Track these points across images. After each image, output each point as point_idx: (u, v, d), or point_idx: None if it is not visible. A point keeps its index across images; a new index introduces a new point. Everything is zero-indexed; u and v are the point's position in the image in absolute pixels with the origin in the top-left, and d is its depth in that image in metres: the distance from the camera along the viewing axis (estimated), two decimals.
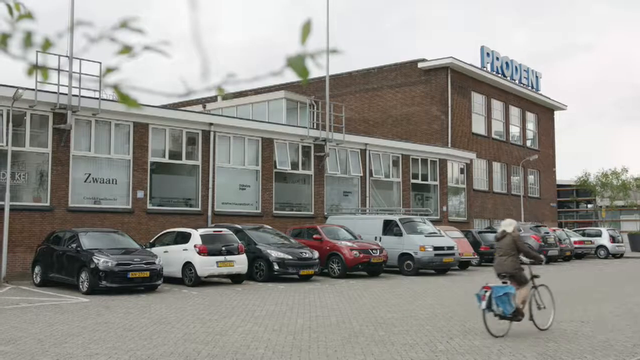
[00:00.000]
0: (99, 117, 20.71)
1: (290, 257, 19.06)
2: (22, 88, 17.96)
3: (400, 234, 22.65)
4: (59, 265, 16.58)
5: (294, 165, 26.64)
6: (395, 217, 23.68)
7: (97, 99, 20.41)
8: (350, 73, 39.87)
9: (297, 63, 1.82)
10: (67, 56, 19.75)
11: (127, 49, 1.93)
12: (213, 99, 39.02)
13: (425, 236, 22.76)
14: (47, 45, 1.92)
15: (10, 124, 18.29)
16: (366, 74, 39.40)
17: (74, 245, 16.35)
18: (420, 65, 37.02)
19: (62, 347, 8.66)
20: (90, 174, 20.76)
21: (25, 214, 18.98)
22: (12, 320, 11.09)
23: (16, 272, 18.33)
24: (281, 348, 8.62)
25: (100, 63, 20.71)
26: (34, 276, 17.45)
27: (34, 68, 1.94)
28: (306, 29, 1.83)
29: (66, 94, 19.63)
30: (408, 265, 22.20)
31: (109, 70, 1.92)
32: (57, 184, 19.79)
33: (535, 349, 8.68)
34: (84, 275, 15.53)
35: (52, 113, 19.77)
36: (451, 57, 36.17)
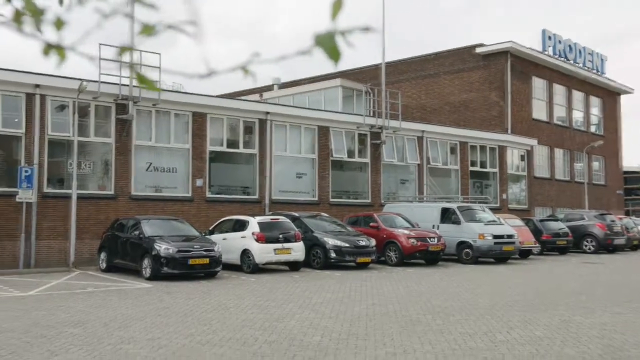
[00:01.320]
0: (159, 107, 21.18)
1: (347, 245, 19.08)
2: (86, 80, 18.54)
3: (459, 222, 22.32)
4: (123, 251, 17.12)
5: (350, 153, 26.59)
6: (453, 205, 23.35)
7: (157, 89, 20.83)
8: (406, 59, 39.38)
9: (326, 41, 1.66)
10: (128, 47, 20.24)
11: (148, 29, 1.82)
12: (269, 88, 39.31)
13: (485, 224, 22.37)
14: (59, 23, 1.85)
15: (76, 115, 18.91)
16: (422, 60, 38.84)
17: (136, 233, 16.84)
18: (478, 50, 36.21)
19: (126, 330, 8.94)
20: (151, 163, 21.29)
21: (91, 202, 19.65)
22: (80, 304, 11.52)
23: (84, 258, 19.02)
24: (338, 335, 8.64)
25: (159, 54, 21.25)
26: (100, 262, 18.08)
27: (49, 48, 1.86)
28: (337, 5, 1.68)
29: (127, 85, 20.15)
30: (467, 254, 21.88)
31: (124, 49, 1.79)
32: (120, 173, 20.39)
33: (601, 341, 8.42)
34: (146, 262, 15.98)
35: (114, 104, 20.34)
36: (511, 41, 35.23)
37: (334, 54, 1.68)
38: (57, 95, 19.26)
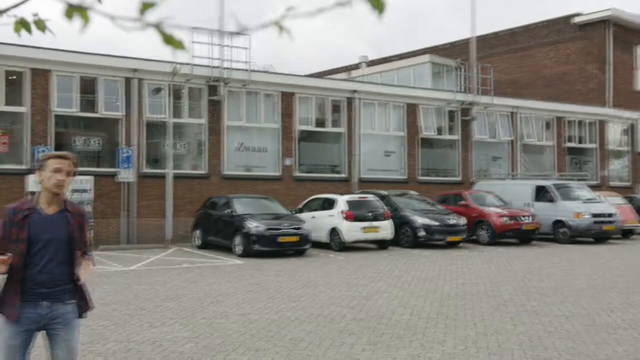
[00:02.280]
0: (248, 88, 21.57)
1: (436, 223, 18.80)
2: (179, 63, 19.12)
3: (554, 200, 21.45)
4: (215, 229, 17.67)
5: (440, 131, 26.07)
6: (548, 183, 22.45)
7: (247, 70, 21.24)
8: (497, 33, 37.95)
9: None
10: (218, 30, 20.73)
11: None
12: (357, 67, 39.11)
13: (583, 202, 21.38)
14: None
15: (171, 97, 19.59)
16: (514, 33, 37.31)
17: (228, 211, 17.31)
18: (575, 20, 34.36)
19: (218, 305, 9.23)
20: (242, 143, 21.77)
21: (186, 181, 20.37)
22: (176, 279, 12.01)
23: (179, 235, 19.79)
24: (427, 314, 8.55)
25: (249, 35, 21.56)
26: (194, 239, 18.76)
27: (72, 10, 1.80)
28: None
29: (218, 67, 20.64)
30: (563, 233, 21.03)
31: (146, 6, 1.71)
32: (212, 153, 21.00)
33: None
34: (237, 239, 16.42)
35: (206, 86, 20.90)
36: (611, 8, 33.15)
37: (378, 5, 1.55)
38: (152, 78, 20.00)
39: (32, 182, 17.32)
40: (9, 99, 18.19)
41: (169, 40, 1.73)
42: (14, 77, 18.38)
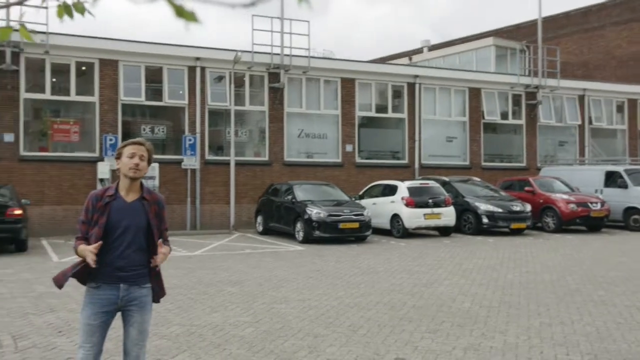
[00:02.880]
0: (309, 75, 21.62)
1: (500, 210, 18.41)
2: (241, 51, 19.35)
3: (626, 186, 20.60)
4: (277, 215, 17.87)
5: (504, 115, 25.43)
6: (619, 168, 21.56)
7: (307, 57, 21.28)
8: (567, 13, 36.59)
9: None
10: (278, 17, 20.82)
11: None
12: (419, 51, 38.56)
13: None
14: None
15: (232, 85, 19.86)
16: (584, 13, 35.86)
17: (289, 197, 17.47)
18: None
19: (279, 290, 9.35)
20: (302, 130, 21.88)
21: (248, 168, 20.66)
22: (239, 264, 12.23)
23: (242, 221, 20.13)
24: (489, 303, 8.40)
25: (308, 22, 21.58)
26: (257, 225, 19.04)
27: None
28: None
29: (279, 54, 20.76)
30: (635, 221, 20.19)
31: None
32: (274, 140, 21.20)
33: None
34: (299, 225, 16.56)
35: (267, 73, 21.07)
36: None
37: None
38: (215, 67, 20.32)
39: (102, 170, 17.99)
40: (80, 89, 18.86)
41: (180, 12, 1.70)
42: (84, 68, 19.04)
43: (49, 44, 17.85)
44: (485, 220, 18.30)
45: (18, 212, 13.82)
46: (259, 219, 18.88)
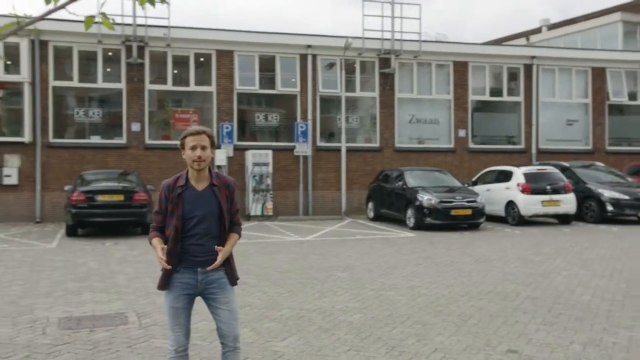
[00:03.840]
0: (420, 59, 21.27)
1: (626, 197, 17.27)
2: (351, 37, 19.37)
3: None
4: (388, 201, 17.81)
5: (632, 96, 23.74)
6: None
7: (418, 41, 20.95)
8: None
9: None
10: (389, 2, 20.62)
11: None
12: (537, 31, 36.78)
13: None
14: None
15: (343, 72, 19.95)
16: None
17: (400, 184, 17.35)
18: None
19: (388, 277, 9.33)
20: (414, 115, 21.61)
21: (359, 154, 20.72)
22: (349, 250, 12.33)
23: (353, 207, 20.26)
24: (611, 296, 7.92)
25: (419, 5, 21.19)
26: (368, 211, 19.09)
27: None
28: None
29: (390, 39, 20.59)
30: None
31: None
32: (384, 126, 21.11)
33: None
34: (410, 212, 16.42)
35: (377, 59, 20.97)
36: None
37: None
38: (326, 54, 20.49)
39: (219, 157, 18.74)
40: (199, 79, 19.71)
41: None
42: (202, 59, 19.85)
43: (170, 37, 18.78)
44: (609, 207, 17.24)
45: (144, 197, 14.71)
46: (370, 205, 18.91)
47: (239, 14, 73.49)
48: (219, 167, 18.75)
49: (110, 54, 18.93)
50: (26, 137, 17.93)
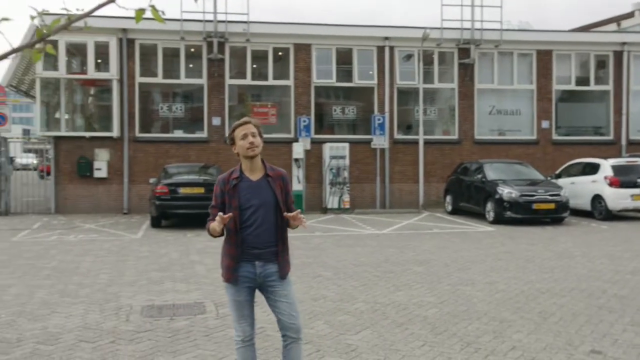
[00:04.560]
0: (501, 49, 20.66)
1: None
2: (429, 28, 19.06)
3: None
4: (467, 195, 17.46)
5: None
6: None
7: (499, 30, 20.35)
8: None
9: None
10: None
11: None
12: (629, 16, 34.92)
13: None
14: None
15: (421, 63, 19.67)
16: None
17: (479, 176, 16.97)
18: None
19: (465, 272, 9.15)
20: (494, 106, 21.04)
21: (437, 147, 20.39)
22: (426, 244, 12.18)
23: (431, 200, 19.99)
24: None
25: None
26: (446, 204, 18.78)
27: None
28: None
29: (469, 29, 20.12)
30: None
31: None
32: (463, 118, 20.66)
33: None
34: (489, 205, 16.03)
35: (456, 49, 20.53)
36: None
37: None
38: (403, 45, 20.25)
39: (297, 150, 18.94)
40: (277, 73, 19.95)
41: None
42: (281, 53, 20.09)
43: (250, 33, 19.11)
44: None
45: None
46: (448, 198, 18.60)
47: (315, 6, 73.72)
48: (296, 160, 18.96)
49: (192, 50, 19.47)
50: (114, 132, 18.74)
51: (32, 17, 2.27)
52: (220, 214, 3.86)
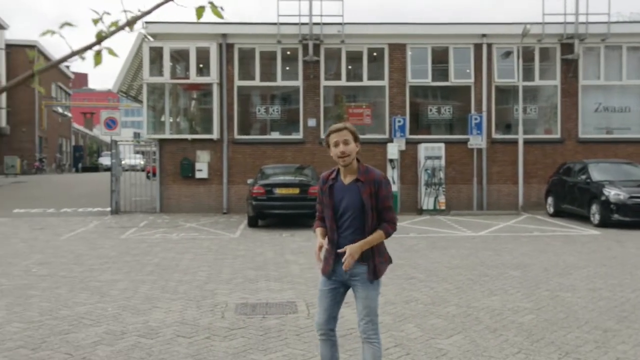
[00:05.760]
0: (608, 42, 19.59)
1: None
2: (530, 23, 18.39)
3: None
4: (570, 196, 16.70)
5: None
6: None
7: (607, 22, 19.31)
8: None
9: None
10: None
11: None
12: None
13: None
14: None
15: (521, 60, 19.01)
16: None
17: (584, 177, 16.20)
18: None
19: (566, 277, 8.74)
20: (600, 103, 19.98)
21: (537, 146, 19.63)
22: (525, 247, 11.75)
23: (531, 202, 19.27)
24: None
25: None
26: (547, 206, 18.05)
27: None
28: None
29: (573, 23, 19.24)
30: None
31: None
32: (566, 116, 19.78)
33: None
34: (594, 208, 15.26)
35: (559, 44, 19.68)
36: None
37: None
38: (501, 42, 19.66)
39: (391, 150, 18.84)
40: (371, 74, 19.93)
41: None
42: (375, 53, 20.05)
43: (344, 34, 19.21)
44: None
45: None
46: (550, 200, 17.86)
47: (414, 3, 72.84)
48: (391, 160, 18.86)
49: (288, 53, 19.83)
50: (215, 134, 19.42)
51: (95, 21, 2.38)
52: (316, 248, 4.13)
